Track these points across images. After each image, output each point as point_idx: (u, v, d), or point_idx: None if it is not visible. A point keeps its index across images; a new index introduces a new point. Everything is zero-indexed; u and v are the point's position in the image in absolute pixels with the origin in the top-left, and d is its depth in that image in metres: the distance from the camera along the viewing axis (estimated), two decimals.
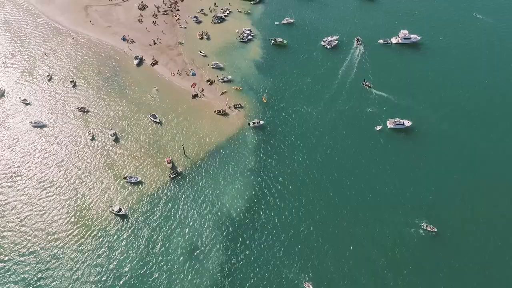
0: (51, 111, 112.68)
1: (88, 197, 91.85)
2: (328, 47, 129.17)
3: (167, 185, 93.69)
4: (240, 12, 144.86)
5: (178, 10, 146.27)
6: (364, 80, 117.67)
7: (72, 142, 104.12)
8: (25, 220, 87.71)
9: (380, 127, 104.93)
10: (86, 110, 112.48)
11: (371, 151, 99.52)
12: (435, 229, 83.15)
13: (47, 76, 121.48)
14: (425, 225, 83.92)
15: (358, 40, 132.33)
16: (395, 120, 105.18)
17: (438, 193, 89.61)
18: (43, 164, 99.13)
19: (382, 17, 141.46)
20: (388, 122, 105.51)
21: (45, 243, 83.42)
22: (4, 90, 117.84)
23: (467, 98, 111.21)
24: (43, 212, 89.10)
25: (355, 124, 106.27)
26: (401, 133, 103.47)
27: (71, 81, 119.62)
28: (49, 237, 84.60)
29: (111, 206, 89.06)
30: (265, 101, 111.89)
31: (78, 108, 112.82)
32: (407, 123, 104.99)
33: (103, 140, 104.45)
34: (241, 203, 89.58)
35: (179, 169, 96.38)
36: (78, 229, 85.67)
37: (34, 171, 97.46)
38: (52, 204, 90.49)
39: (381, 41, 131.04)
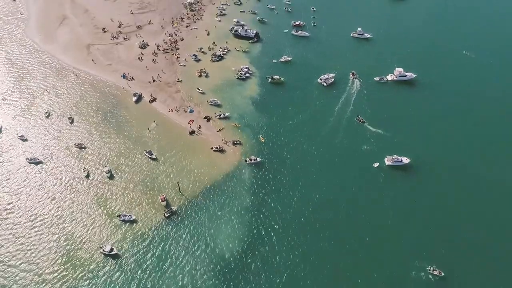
0: (47, 147, 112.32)
1: (79, 236, 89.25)
2: (325, 84, 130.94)
3: (161, 224, 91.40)
4: (238, 50, 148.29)
5: (178, 48, 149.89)
6: (357, 116, 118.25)
7: (66, 179, 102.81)
8: (12, 259, 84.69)
9: (378, 164, 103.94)
10: (83, 146, 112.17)
11: (369, 189, 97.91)
12: (442, 273, 79.78)
13: (46, 112, 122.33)
14: (431, 269, 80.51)
15: (353, 74, 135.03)
16: (393, 157, 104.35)
17: (441, 234, 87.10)
18: (36, 201, 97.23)
19: (377, 55, 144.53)
20: (386, 159, 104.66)
21: (32, 285, 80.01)
22: (1, 126, 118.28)
23: (464, 134, 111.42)
24: (31, 251, 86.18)
25: (353, 161, 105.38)
26: (399, 171, 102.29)
27: (68, 118, 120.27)
28: (37, 278, 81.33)
29: (101, 247, 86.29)
30: (263, 141, 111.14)
31: (75, 144, 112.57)
32: (405, 160, 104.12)
33: (97, 177, 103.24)
34: (236, 243, 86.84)
35: (173, 208, 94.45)
36: (67, 271, 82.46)
37: (25, 208, 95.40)
38: (41, 243, 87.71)
39: (377, 78, 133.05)
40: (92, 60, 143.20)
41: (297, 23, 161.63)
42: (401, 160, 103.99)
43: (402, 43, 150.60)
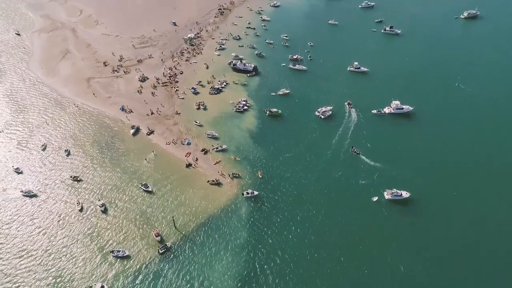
0: (42, 180, 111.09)
1: (69, 273, 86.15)
2: (322, 117, 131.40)
3: (155, 260, 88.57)
4: (236, 83, 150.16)
5: (177, 82, 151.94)
6: (352, 147, 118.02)
7: (59, 213, 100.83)
8: None
9: (377, 198, 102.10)
10: (78, 179, 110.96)
11: (369, 224, 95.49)
12: None
13: (42, 145, 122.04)
14: None
15: (349, 103, 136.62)
16: (393, 191, 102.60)
17: (446, 275, 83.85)
18: (26, 235, 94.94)
19: (374, 88, 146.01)
20: (385, 193, 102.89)
21: None
22: None
23: (462, 167, 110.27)
24: None
25: (351, 195, 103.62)
26: (399, 205, 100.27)
27: (65, 150, 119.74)
28: None
29: (91, 286, 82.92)
30: (260, 176, 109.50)
31: (70, 177, 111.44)
32: (405, 194, 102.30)
33: (91, 211, 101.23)
34: (232, 282, 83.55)
35: (168, 244, 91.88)
36: None
37: (15, 242, 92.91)
38: (29, 281, 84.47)
39: (374, 111, 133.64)
40: (93, 94, 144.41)
41: (294, 57, 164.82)
42: (401, 194, 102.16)
43: (398, 76, 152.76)
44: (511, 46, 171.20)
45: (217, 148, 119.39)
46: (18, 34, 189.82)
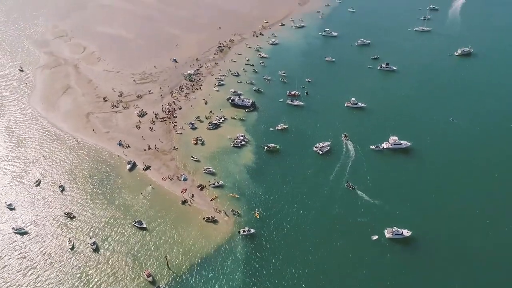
0: (35, 216, 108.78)
1: None
2: (320, 152, 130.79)
3: None
4: (234, 119, 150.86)
5: (175, 117, 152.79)
6: (347, 182, 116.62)
7: (49, 251, 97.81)
8: None
9: (377, 236, 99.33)
10: (72, 215, 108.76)
11: (370, 265, 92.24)
12: None
13: (36, 181, 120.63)
14: None
15: (345, 136, 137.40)
16: (393, 230, 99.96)
17: None
18: (13, 273, 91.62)
19: (372, 124, 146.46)
20: (386, 232, 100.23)
21: None
22: None
23: (464, 204, 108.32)
24: None
25: (350, 233, 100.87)
26: (400, 245, 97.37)
27: (59, 186, 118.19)
28: None
29: None
30: (258, 217, 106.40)
31: (64, 213, 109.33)
32: (406, 233, 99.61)
33: (82, 249, 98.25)
34: None
35: (160, 285, 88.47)
36: None
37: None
38: None
39: (373, 146, 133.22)
40: (93, 130, 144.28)
41: (292, 92, 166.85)
42: (402, 233, 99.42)
43: (395, 111, 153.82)
44: (504, 82, 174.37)
45: (213, 184, 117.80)
46: (22, 70, 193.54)
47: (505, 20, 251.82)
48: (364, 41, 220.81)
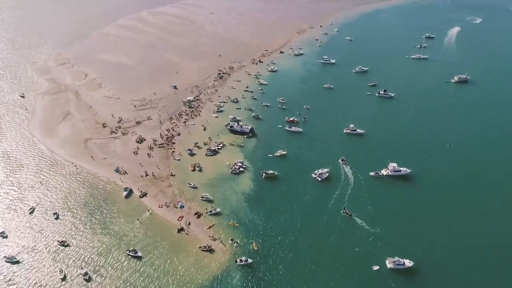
0: (27, 245, 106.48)
1: None
2: (319, 179, 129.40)
3: None
4: (233, 145, 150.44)
5: (174, 143, 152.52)
6: (344, 208, 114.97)
7: (40, 282, 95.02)
8: None
9: (378, 267, 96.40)
10: (65, 244, 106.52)
11: None
12: None
13: (30, 208, 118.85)
14: None
15: (343, 160, 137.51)
16: (395, 260, 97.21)
17: None
18: None
19: (371, 150, 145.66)
20: (387, 262, 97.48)
21: None
22: None
23: (465, 233, 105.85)
24: None
25: (350, 263, 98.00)
26: (402, 275, 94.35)
27: (54, 213, 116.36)
28: None
29: None
30: (256, 248, 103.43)
31: (57, 241, 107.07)
32: (408, 263, 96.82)
33: (74, 280, 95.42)
34: None
35: None
36: None
37: None
38: None
39: (372, 173, 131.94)
40: (92, 157, 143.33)
41: (291, 119, 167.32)
42: (404, 263, 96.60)
43: (394, 138, 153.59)
44: (501, 109, 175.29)
45: (210, 211, 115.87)
46: (23, 96, 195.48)
47: (499, 48, 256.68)
48: (362, 68, 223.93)
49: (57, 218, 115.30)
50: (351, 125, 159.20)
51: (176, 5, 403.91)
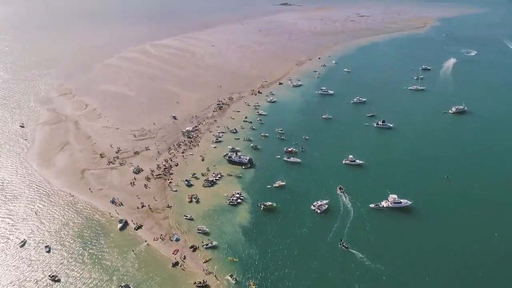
0: (16, 280, 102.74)
1: None
2: (318, 211, 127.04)
3: None
4: (231, 175, 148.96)
5: (171, 174, 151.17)
6: (341, 241, 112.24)
7: None
8: None
9: None
10: (56, 278, 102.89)
11: None
12: None
13: (21, 241, 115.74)
14: None
15: (340, 188, 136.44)
16: None
17: None
18: None
19: (371, 182, 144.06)
20: None
21: None
22: None
23: (466, 268, 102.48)
24: None
25: None
26: None
27: (45, 246, 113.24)
28: None
29: None
30: (253, 287, 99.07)
31: (49, 276, 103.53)
32: None
33: None
34: None
35: None
36: None
37: None
38: None
39: (372, 205, 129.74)
40: (89, 189, 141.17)
41: (289, 149, 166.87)
42: None
43: (393, 168, 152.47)
44: (499, 139, 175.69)
45: (207, 244, 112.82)
46: (22, 127, 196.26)
47: (494, 79, 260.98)
48: (360, 99, 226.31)
49: (49, 251, 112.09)
50: (350, 156, 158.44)
51: (178, 38, 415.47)
